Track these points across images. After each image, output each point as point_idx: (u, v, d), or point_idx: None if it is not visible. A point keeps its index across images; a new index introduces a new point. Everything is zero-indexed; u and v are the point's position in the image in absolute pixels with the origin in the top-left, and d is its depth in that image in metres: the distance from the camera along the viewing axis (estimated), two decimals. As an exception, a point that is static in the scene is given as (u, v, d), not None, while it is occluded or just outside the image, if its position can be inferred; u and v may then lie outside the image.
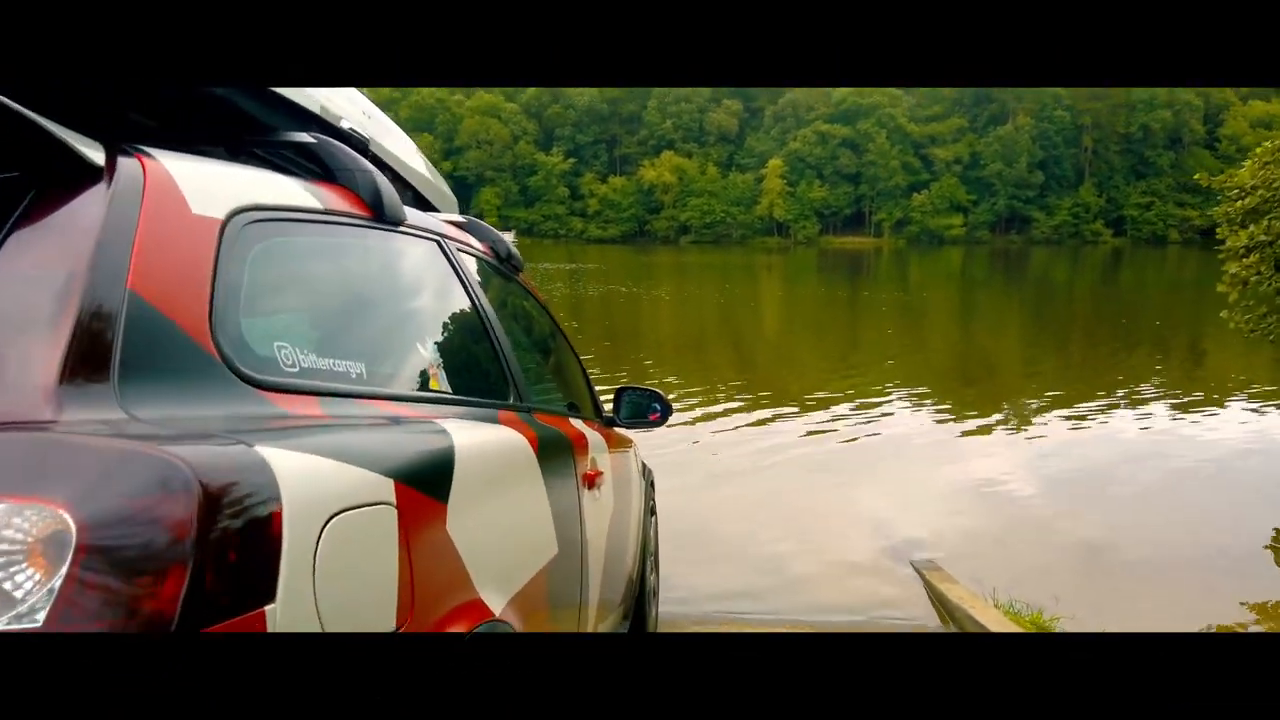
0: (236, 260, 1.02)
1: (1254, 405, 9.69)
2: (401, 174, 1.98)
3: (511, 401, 1.72)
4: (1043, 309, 24.65)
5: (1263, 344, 6.72)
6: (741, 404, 9.66)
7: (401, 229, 1.47)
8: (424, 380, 1.42)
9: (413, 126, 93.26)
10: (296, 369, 1.05)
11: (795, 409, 9.40)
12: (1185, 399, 10.05)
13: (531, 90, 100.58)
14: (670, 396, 4.02)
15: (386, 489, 0.97)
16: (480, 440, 1.36)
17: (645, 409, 3.00)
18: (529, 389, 1.90)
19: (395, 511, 0.98)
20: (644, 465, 3.70)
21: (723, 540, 5.44)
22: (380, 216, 1.38)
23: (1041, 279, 38.17)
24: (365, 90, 1.90)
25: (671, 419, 3.09)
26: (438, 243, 1.65)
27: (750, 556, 5.18)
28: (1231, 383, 11.30)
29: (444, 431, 1.23)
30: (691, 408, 9.23)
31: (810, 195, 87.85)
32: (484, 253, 2.04)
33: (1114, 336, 17.06)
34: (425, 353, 1.45)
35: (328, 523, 0.84)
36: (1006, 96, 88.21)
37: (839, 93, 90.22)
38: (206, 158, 1.15)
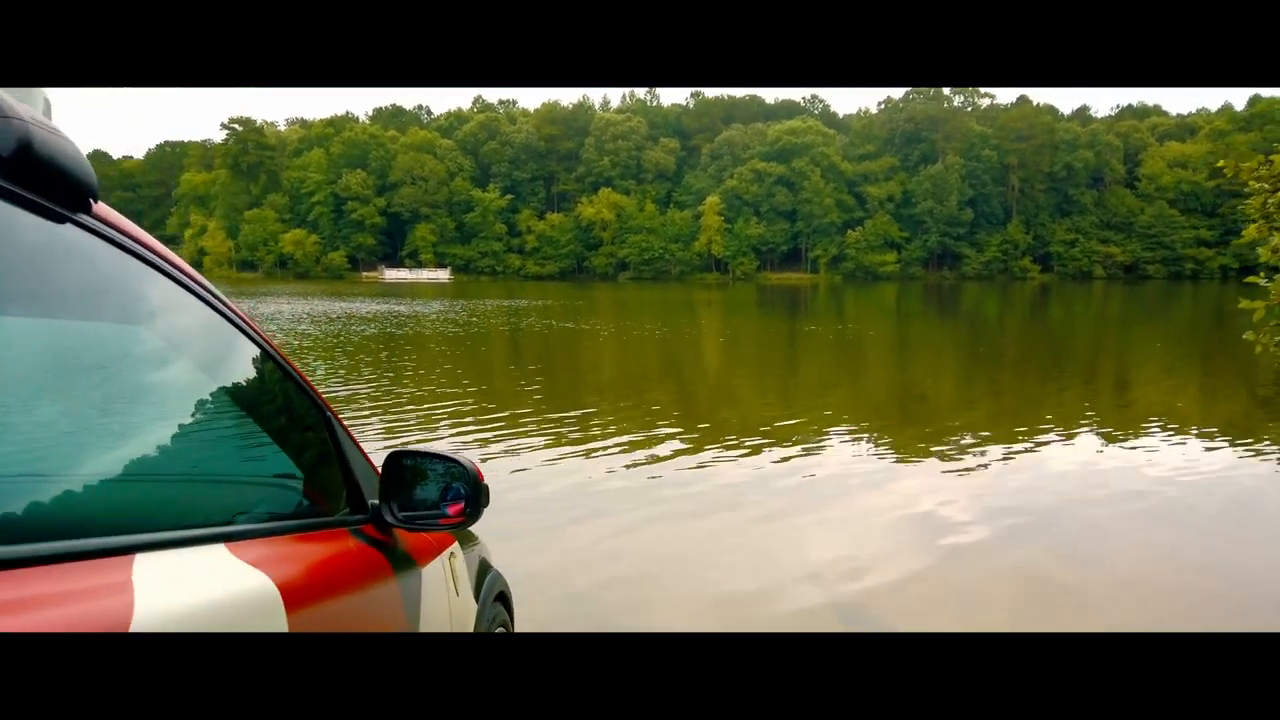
0: None
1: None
2: None
3: None
4: (995, 342, 24.41)
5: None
6: (688, 436, 8.73)
7: None
8: None
9: (345, 163, 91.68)
10: None
11: (741, 442, 8.49)
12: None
13: (468, 126, 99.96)
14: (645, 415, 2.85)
15: None
16: None
17: (437, 493, 1.60)
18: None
19: None
20: (485, 570, 2.30)
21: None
22: None
23: (974, 314, 38.32)
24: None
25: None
26: None
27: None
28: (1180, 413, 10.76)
29: None
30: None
31: (748, 232, 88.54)
32: None
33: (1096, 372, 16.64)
34: None
35: None
36: (936, 136, 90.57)
37: (774, 131, 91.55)
38: None
